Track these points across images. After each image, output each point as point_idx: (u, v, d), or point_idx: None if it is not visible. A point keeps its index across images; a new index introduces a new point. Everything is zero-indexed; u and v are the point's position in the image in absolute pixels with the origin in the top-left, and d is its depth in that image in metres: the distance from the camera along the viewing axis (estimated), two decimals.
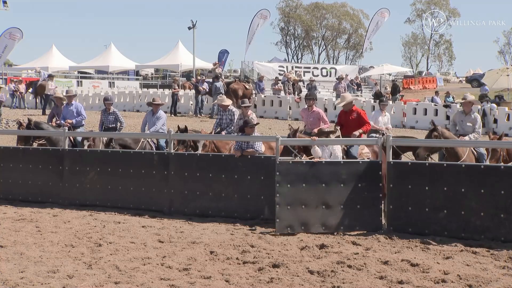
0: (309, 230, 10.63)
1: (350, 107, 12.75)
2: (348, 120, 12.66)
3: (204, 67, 53.84)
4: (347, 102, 12.77)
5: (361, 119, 12.59)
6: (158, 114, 14.86)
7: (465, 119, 12.94)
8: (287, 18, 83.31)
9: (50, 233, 10.68)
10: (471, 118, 12.92)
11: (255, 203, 11.64)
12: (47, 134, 14.94)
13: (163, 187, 12.45)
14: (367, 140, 12.34)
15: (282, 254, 9.11)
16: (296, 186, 10.78)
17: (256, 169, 11.73)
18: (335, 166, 10.95)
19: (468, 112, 12.97)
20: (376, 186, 10.71)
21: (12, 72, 54.35)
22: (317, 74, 43.43)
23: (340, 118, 12.91)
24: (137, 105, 35.90)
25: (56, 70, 56.60)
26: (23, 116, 28.54)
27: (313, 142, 11.31)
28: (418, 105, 31.09)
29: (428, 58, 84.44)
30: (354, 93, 39.93)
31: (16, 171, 13.83)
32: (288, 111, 32.20)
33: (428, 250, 9.38)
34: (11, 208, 12.95)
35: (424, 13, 79.54)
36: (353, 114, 12.69)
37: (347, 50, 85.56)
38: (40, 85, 34.98)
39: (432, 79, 58.65)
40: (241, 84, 32.02)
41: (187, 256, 9.02)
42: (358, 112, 12.72)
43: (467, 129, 12.91)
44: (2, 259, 8.95)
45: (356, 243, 9.81)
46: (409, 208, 10.38)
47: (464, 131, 12.95)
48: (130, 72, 61.43)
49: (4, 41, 39.00)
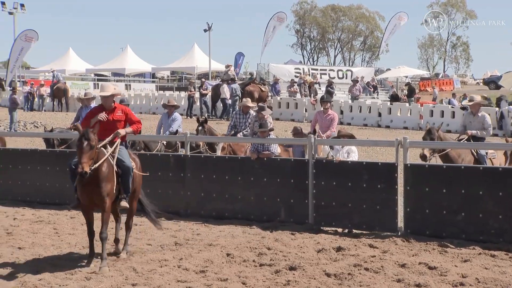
0: (338, 225, 11.04)
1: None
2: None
3: (219, 69, 53.87)
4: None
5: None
6: (174, 116, 14.90)
7: (473, 120, 13.05)
8: (302, 21, 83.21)
9: (68, 235, 10.75)
10: (479, 118, 13.01)
11: (272, 205, 11.63)
12: (68, 137, 15.07)
13: (180, 189, 12.47)
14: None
15: (298, 256, 9.09)
16: (328, 184, 11.08)
17: (272, 171, 11.73)
18: (358, 166, 11.14)
19: (476, 113, 13.09)
20: (393, 188, 10.67)
21: (29, 74, 54.80)
22: (333, 76, 43.37)
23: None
24: (153, 108, 36.03)
25: (73, 72, 57.06)
26: (40, 118, 28.78)
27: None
28: (435, 107, 30.93)
29: (445, 60, 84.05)
30: (371, 95, 39.88)
31: (33, 173, 13.91)
32: (304, 113, 32.16)
33: (445, 253, 9.33)
34: (29, 210, 13.03)
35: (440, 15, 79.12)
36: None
37: (363, 52, 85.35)
38: (57, 87, 35.23)
39: (449, 81, 58.31)
40: (257, 86, 32.04)
41: (204, 258, 9.02)
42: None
43: (477, 129, 12.97)
44: (21, 260, 9.01)
45: (373, 246, 9.77)
46: (426, 211, 10.34)
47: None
48: (146, 75, 61.68)
49: (20, 44, 39.29)
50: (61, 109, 35.01)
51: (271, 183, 11.67)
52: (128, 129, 9.16)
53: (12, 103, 26.34)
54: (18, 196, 13.96)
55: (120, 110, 9.19)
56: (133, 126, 9.20)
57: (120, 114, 9.14)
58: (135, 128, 9.22)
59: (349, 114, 31.32)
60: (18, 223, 11.68)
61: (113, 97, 9.22)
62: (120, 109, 9.24)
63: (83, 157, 8.31)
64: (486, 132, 12.82)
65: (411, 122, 29.50)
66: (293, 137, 13.81)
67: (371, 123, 30.65)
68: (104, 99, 9.13)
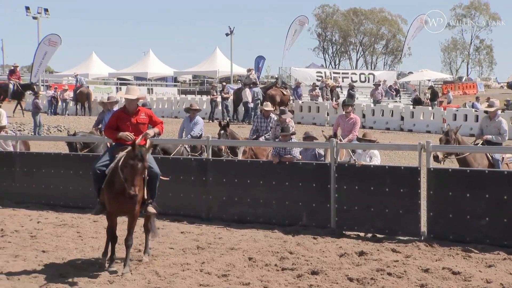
0: (361, 230, 11.00)
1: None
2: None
3: (241, 73, 53.95)
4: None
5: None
6: (196, 120, 14.94)
7: (490, 124, 13.14)
8: (324, 24, 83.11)
9: (91, 238, 10.80)
10: (495, 123, 13.08)
11: (293, 209, 11.60)
12: (89, 140, 15.19)
13: (202, 193, 12.49)
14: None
15: (321, 261, 9.06)
16: (350, 188, 11.08)
17: (294, 175, 11.70)
18: (381, 171, 11.15)
19: (493, 118, 13.17)
20: (415, 192, 10.60)
21: (53, 79, 55.29)
22: (355, 79, 43.23)
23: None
24: (175, 111, 36.18)
25: (96, 76, 57.53)
26: (63, 122, 29.02)
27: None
28: (458, 111, 30.70)
29: (468, 64, 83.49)
30: (393, 99, 39.70)
31: (57, 177, 14.02)
32: (326, 117, 32.09)
33: (469, 258, 9.24)
34: (53, 214, 13.13)
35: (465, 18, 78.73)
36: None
37: (385, 56, 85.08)
38: (80, 91, 35.50)
39: (472, 85, 57.91)
40: (279, 90, 32.02)
41: (226, 262, 9.02)
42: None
43: (493, 133, 13.04)
44: (45, 263, 9.08)
45: (396, 251, 9.71)
46: (450, 215, 10.25)
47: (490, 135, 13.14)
48: (168, 79, 61.95)
49: (44, 48, 39.64)
50: (84, 113, 35.28)
51: (293, 187, 11.65)
52: (155, 130, 9.10)
53: (35, 107, 26.57)
54: (42, 199, 14.09)
55: (143, 113, 9.15)
56: (158, 126, 9.17)
57: (144, 117, 9.10)
58: (161, 129, 9.20)
59: (371, 118, 31.19)
60: (42, 227, 11.78)
61: (137, 101, 9.20)
62: (144, 111, 9.20)
63: (136, 179, 8.09)
64: (501, 138, 12.91)
65: (434, 126, 29.27)
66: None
67: (393, 127, 30.49)
68: (129, 101, 9.08)
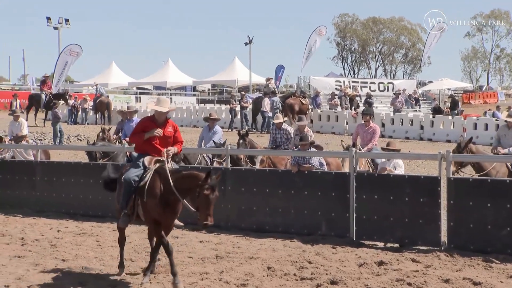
0: (380, 239, 10.94)
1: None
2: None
3: (260, 82, 54.03)
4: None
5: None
6: (215, 129, 14.98)
7: (508, 133, 13.04)
8: (343, 33, 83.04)
9: (110, 247, 10.84)
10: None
11: (312, 219, 11.57)
12: (109, 149, 15.28)
13: (220, 202, 12.36)
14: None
15: (340, 270, 9.02)
16: (370, 197, 11.04)
17: (313, 184, 11.68)
18: (400, 180, 11.12)
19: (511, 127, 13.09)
20: (436, 202, 10.53)
21: (73, 88, 55.66)
22: (374, 89, 43.09)
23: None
24: (194, 121, 36.26)
25: (115, 86, 57.90)
26: (84, 132, 29.20)
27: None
28: (478, 120, 30.47)
29: (488, 72, 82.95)
30: (412, 108, 39.51)
31: (77, 185, 14.10)
32: (345, 126, 31.98)
33: (490, 269, 9.15)
34: (73, 222, 13.20)
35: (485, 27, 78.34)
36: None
37: (404, 65, 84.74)
38: (100, 101, 35.74)
39: (493, 94, 57.50)
40: (298, 99, 31.96)
41: (245, 271, 9.01)
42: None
43: (511, 142, 12.97)
44: (65, 272, 9.12)
45: (415, 260, 9.64)
46: (470, 225, 10.16)
47: (507, 145, 13.04)
48: (187, 88, 62.18)
49: (65, 58, 39.94)
50: (104, 122, 35.44)
51: (312, 196, 11.62)
52: (175, 149, 8.88)
53: (54, 117, 26.76)
54: (61, 208, 14.17)
55: (171, 126, 8.98)
56: (178, 145, 8.98)
57: (171, 130, 8.93)
58: (179, 149, 9.02)
59: (391, 127, 31.03)
60: (61, 235, 11.85)
61: (167, 113, 9.02)
62: (171, 125, 9.02)
63: (211, 208, 8.00)
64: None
65: (454, 135, 29.01)
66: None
67: (413, 136, 30.32)
68: (159, 113, 8.90)
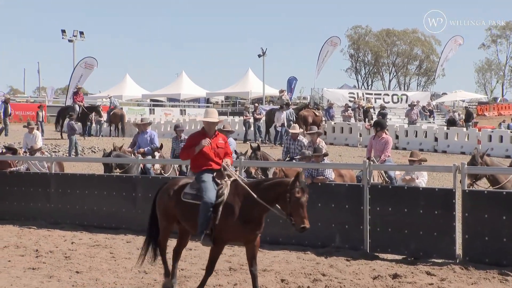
0: (394, 252, 10.88)
1: None
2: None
3: (273, 94, 54.14)
4: None
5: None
6: (228, 141, 14.94)
7: None
8: (356, 45, 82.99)
9: (124, 259, 10.85)
10: None
11: (326, 231, 11.53)
12: (122, 162, 15.32)
13: None
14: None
15: (354, 283, 8.98)
16: (384, 209, 11.02)
17: (327, 196, 11.64)
18: (415, 192, 11.10)
19: None
20: (450, 214, 10.46)
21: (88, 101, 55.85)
22: (388, 100, 43.04)
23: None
24: None
25: (129, 98, 58.12)
26: (98, 143, 29.30)
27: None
28: (493, 132, 30.28)
29: (503, 84, 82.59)
30: (426, 119, 39.38)
31: (91, 197, 14.15)
32: (359, 138, 31.88)
33: (506, 282, 9.09)
34: (86, 234, 13.23)
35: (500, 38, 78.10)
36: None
37: (418, 77, 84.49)
38: (114, 113, 35.88)
39: (507, 106, 57.24)
40: (311, 111, 31.93)
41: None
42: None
43: None
44: (78, 284, 9.14)
45: (430, 273, 9.57)
46: (486, 238, 10.09)
47: None
48: (201, 100, 62.38)
49: (80, 71, 40.20)
50: (118, 134, 35.59)
51: (326, 208, 11.58)
52: (228, 161, 8.70)
53: (70, 128, 26.88)
54: (76, 220, 14.22)
55: (221, 138, 8.82)
56: (229, 157, 8.80)
57: (222, 142, 8.77)
58: (231, 161, 8.85)
59: (405, 138, 30.91)
60: (75, 247, 11.88)
61: (217, 124, 8.89)
62: (221, 137, 8.87)
63: (306, 211, 8.02)
64: None
65: (468, 147, 28.81)
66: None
67: (427, 148, 30.16)
68: (210, 125, 8.75)
